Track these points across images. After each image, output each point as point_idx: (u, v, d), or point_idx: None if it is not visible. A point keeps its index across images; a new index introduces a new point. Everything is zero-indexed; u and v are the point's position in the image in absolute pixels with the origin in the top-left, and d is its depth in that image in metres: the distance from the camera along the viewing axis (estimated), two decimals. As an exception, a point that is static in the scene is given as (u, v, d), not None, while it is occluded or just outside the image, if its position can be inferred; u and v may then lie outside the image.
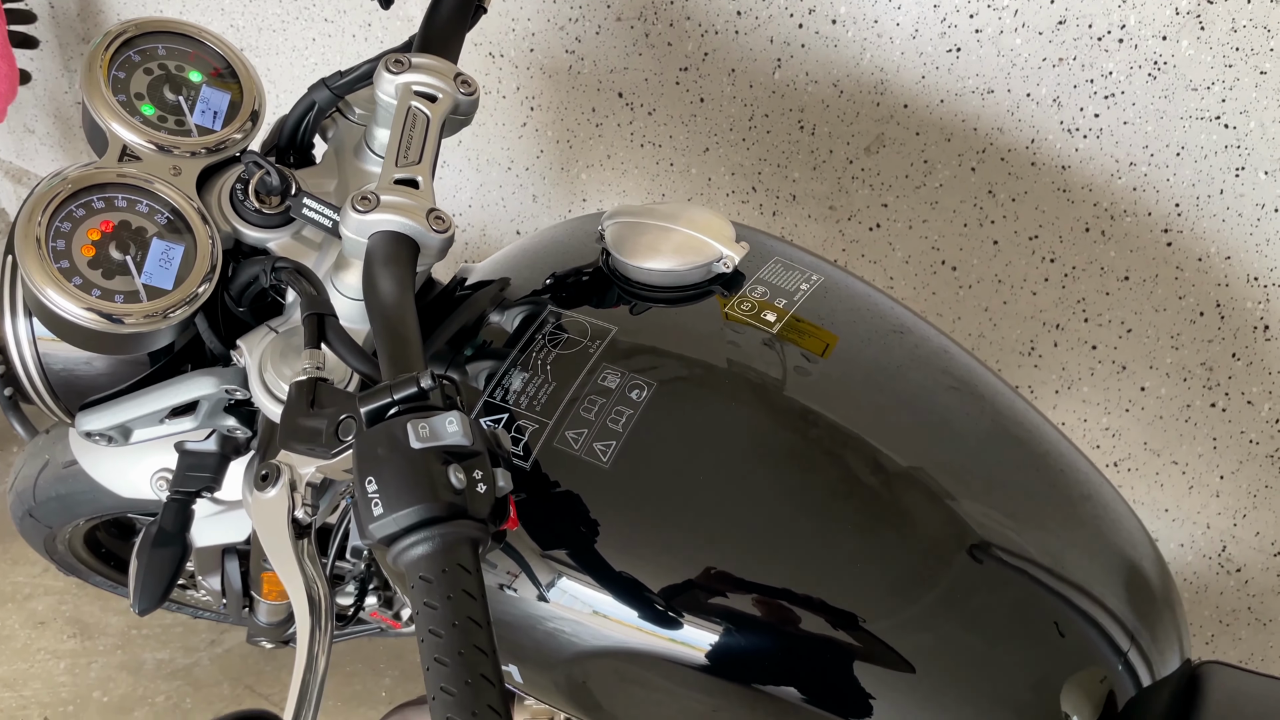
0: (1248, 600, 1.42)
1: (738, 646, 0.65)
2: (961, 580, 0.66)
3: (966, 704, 0.65)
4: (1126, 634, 0.67)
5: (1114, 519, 0.74)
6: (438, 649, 0.49)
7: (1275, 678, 0.74)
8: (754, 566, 0.65)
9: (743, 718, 0.69)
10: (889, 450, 0.69)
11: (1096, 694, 0.66)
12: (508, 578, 0.68)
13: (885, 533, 0.66)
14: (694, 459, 0.68)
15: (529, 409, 0.69)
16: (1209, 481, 1.33)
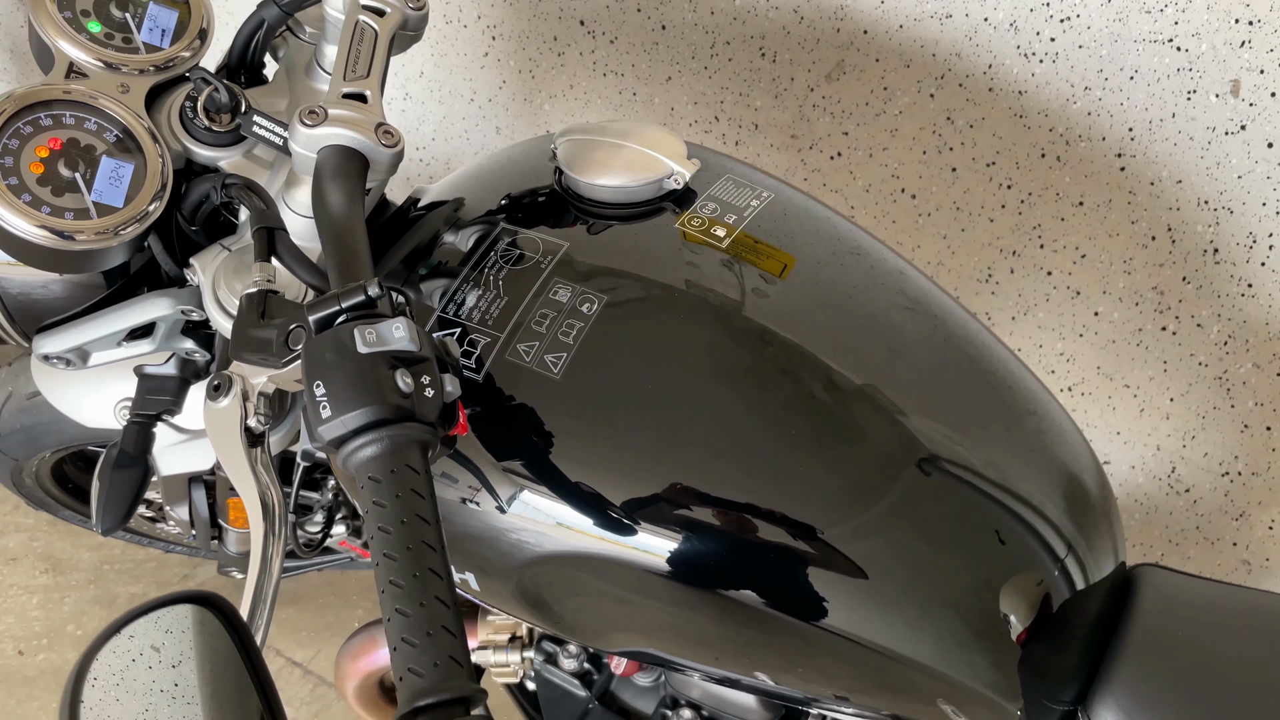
0: (1196, 520, 1.46)
1: (694, 553, 0.68)
2: (910, 491, 0.68)
3: (913, 605, 0.68)
4: (1064, 541, 0.70)
5: (1057, 433, 0.76)
6: (386, 545, 0.51)
7: (1206, 579, 0.77)
8: (707, 475, 0.67)
9: (702, 620, 0.71)
10: (842, 368, 0.71)
11: (1033, 596, 0.69)
12: (461, 488, 0.70)
13: (838, 446, 0.68)
14: (644, 370, 0.69)
15: (481, 323, 0.70)
16: (1159, 404, 1.36)
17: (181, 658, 0.40)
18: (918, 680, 0.69)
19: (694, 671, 0.81)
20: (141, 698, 0.39)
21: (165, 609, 0.40)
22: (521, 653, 0.96)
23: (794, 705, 0.88)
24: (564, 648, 0.94)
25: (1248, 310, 1.22)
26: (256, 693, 0.41)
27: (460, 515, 0.71)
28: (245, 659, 0.41)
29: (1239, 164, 1.13)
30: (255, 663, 0.41)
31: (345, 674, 1.11)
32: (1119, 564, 0.76)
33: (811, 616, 0.68)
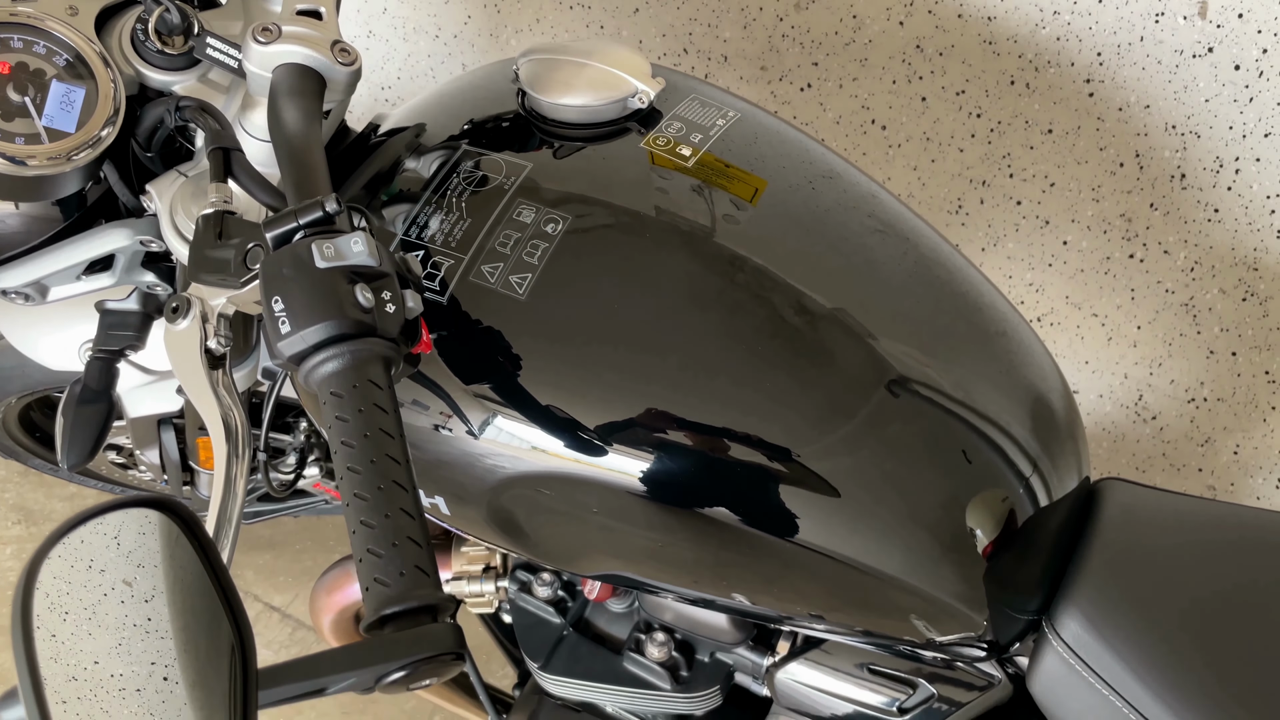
0: (1162, 447, 1.48)
1: (665, 473, 0.68)
2: (880, 412, 0.69)
3: (882, 521, 0.69)
4: (1028, 458, 0.71)
5: (1025, 354, 0.77)
6: (350, 459, 0.51)
7: (1168, 491, 0.79)
8: (679, 396, 0.67)
9: (673, 541, 0.72)
10: (813, 292, 0.71)
11: (998, 511, 0.70)
12: (428, 411, 0.70)
13: (809, 369, 0.69)
14: (611, 291, 0.69)
15: (444, 245, 0.69)
16: (1127, 332, 1.38)
17: (139, 565, 0.39)
18: (886, 594, 0.70)
19: (667, 593, 0.82)
20: (93, 606, 0.39)
21: (119, 512, 0.39)
22: (496, 582, 0.96)
23: (766, 624, 0.90)
24: (538, 576, 0.95)
25: (1214, 236, 1.23)
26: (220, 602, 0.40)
27: (429, 440, 0.71)
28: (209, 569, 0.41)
29: (1206, 87, 1.13)
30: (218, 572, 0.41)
31: (320, 609, 1.12)
32: (1083, 479, 0.77)
33: (783, 534, 0.69)
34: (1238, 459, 1.43)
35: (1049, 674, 0.71)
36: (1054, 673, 0.71)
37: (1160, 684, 0.67)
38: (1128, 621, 0.69)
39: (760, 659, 0.88)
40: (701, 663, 0.93)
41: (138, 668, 0.41)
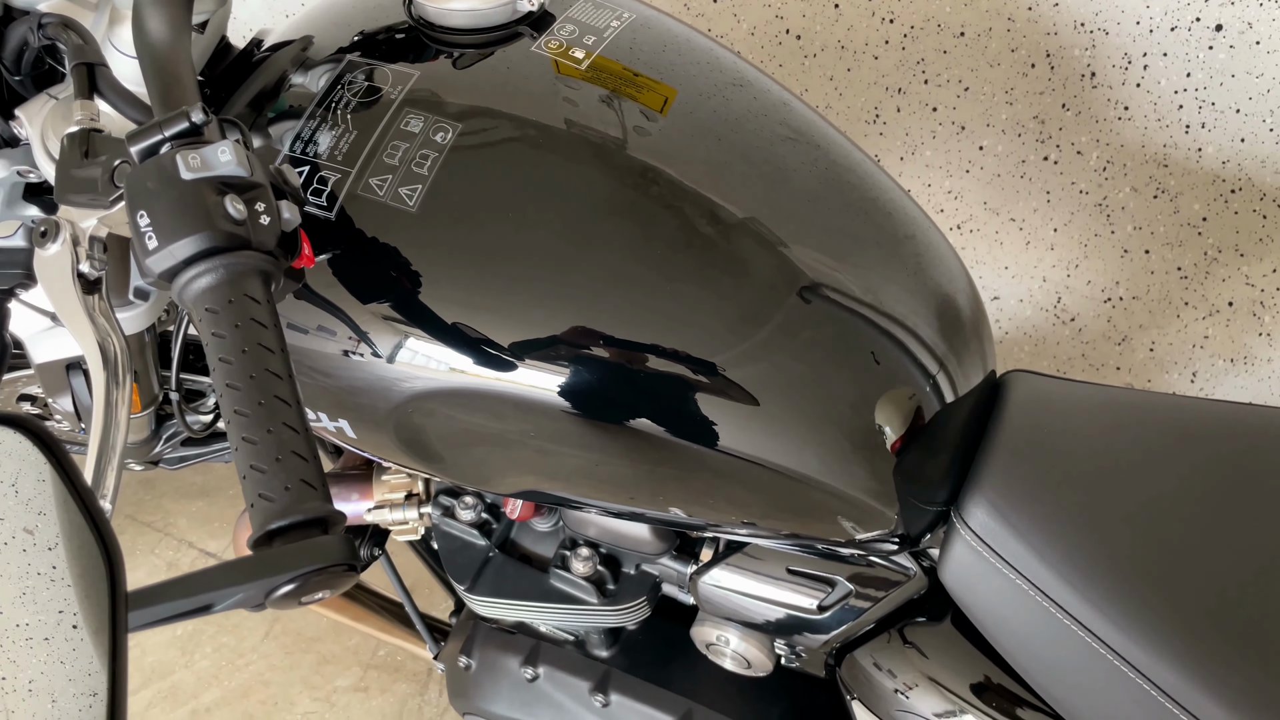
0: (1082, 348, 1.51)
1: (578, 386, 0.67)
2: (792, 318, 0.69)
3: (795, 423, 0.69)
4: (935, 357, 0.72)
5: (933, 256, 0.78)
6: (229, 376, 0.49)
7: (1072, 380, 0.80)
8: (587, 307, 0.67)
9: (590, 454, 0.71)
10: (724, 201, 0.70)
11: (906, 408, 0.71)
12: (325, 331, 0.68)
13: (722, 278, 0.68)
14: (509, 200, 0.67)
15: (330, 160, 0.67)
16: (1044, 235, 1.39)
17: (40, 512, 0.38)
18: (802, 494, 0.71)
19: (588, 508, 0.82)
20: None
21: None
22: (419, 509, 0.96)
23: (688, 532, 0.90)
24: (460, 500, 0.94)
25: (1125, 134, 1.24)
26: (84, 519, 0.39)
27: (328, 361, 0.69)
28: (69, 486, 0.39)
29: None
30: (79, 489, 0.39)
31: (242, 545, 1.10)
32: (989, 374, 0.78)
33: (699, 441, 0.69)
34: (1154, 355, 1.46)
35: (958, 563, 0.73)
36: (963, 561, 0.72)
37: (1065, 566, 0.68)
38: (1032, 507, 0.70)
39: (684, 568, 0.89)
40: (628, 575, 0.93)
41: (44, 616, 0.39)
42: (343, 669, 1.68)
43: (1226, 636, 0.64)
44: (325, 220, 0.66)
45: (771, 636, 0.90)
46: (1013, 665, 0.74)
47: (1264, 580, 0.66)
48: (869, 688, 0.85)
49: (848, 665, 0.87)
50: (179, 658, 1.68)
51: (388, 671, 1.67)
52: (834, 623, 0.83)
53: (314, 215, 0.66)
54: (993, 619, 0.73)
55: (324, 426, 0.74)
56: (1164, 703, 0.64)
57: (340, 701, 1.64)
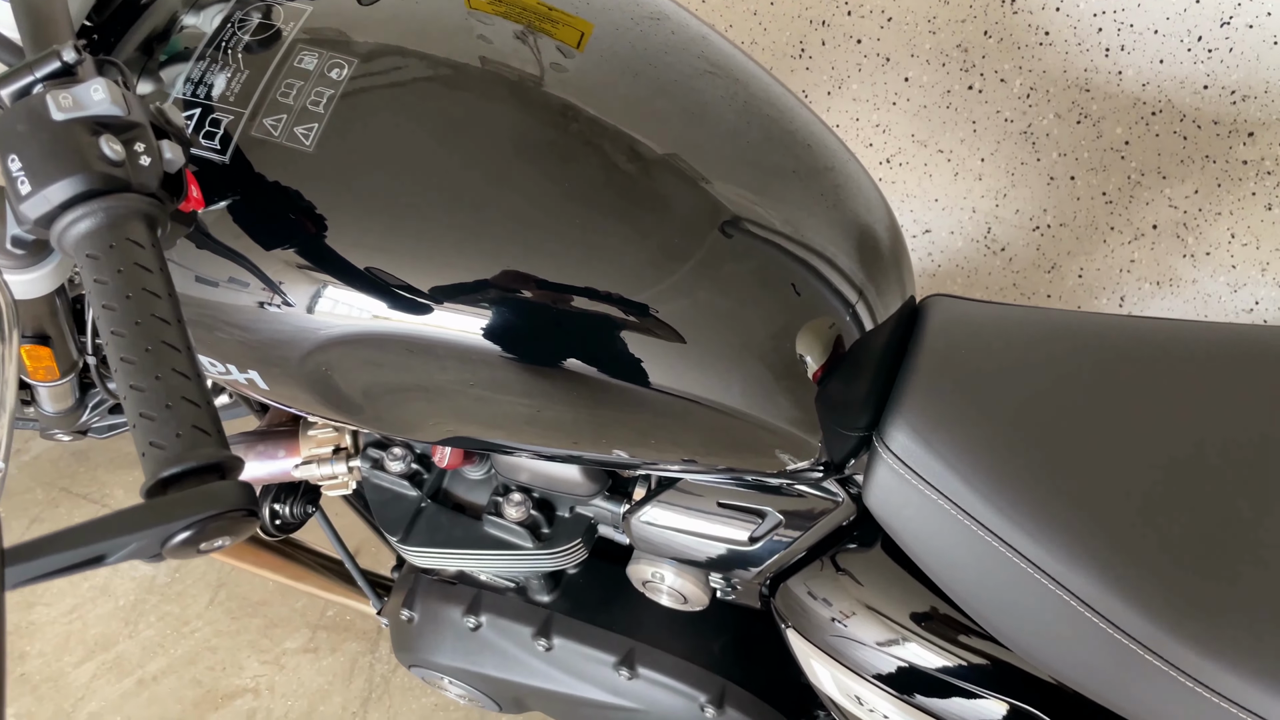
0: (1013, 277, 1.52)
1: (503, 329, 0.66)
2: (713, 253, 0.68)
3: (719, 357, 0.69)
4: (854, 287, 0.72)
5: (852, 187, 0.78)
6: (113, 322, 0.47)
7: (991, 302, 0.80)
8: (508, 249, 0.65)
9: (515, 397, 0.70)
10: (644, 137, 0.69)
11: (826, 337, 0.71)
12: (229, 279, 0.66)
13: (643, 215, 0.68)
14: (414, 138, 0.65)
15: (223, 101, 0.65)
16: (971, 166, 1.40)
17: None
18: (728, 427, 0.71)
19: (516, 452, 0.81)
20: None
21: None
22: (348, 462, 0.94)
23: (620, 472, 0.90)
24: (389, 451, 0.93)
25: (1046, 59, 1.24)
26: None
27: (232, 310, 0.67)
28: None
29: (1028, -95, 1.12)
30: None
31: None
32: (908, 299, 0.78)
33: (624, 378, 0.68)
34: (1083, 282, 1.48)
35: (882, 486, 0.73)
36: (886, 485, 0.73)
37: (984, 484, 0.69)
38: (951, 428, 0.71)
39: (617, 508, 0.89)
40: (562, 519, 0.93)
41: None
42: (291, 631, 1.67)
43: (1145, 546, 0.65)
44: (220, 164, 0.64)
45: (705, 570, 0.90)
46: (939, 585, 0.75)
47: (1179, 490, 0.67)
48: (803, 616, 0.86)
49: (781, 595, 0.87)
50: (122, 629, 1.65)
51: (337, 631, 1.67)
52: (765, 553, 0.84)
53: (207, 159, 0.64)
54: (917, 540, 0.74)
55: (235, 379, 0.72)
56: (1084, 613, 0.65)
57: (290, 663, 1.63)
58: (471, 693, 1.15)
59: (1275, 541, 0.64)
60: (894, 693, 0.82)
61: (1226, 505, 0.66)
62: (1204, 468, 0.67)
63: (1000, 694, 0.80)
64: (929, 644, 0.81)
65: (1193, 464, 0.68)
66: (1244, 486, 0.67)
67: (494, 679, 1.09)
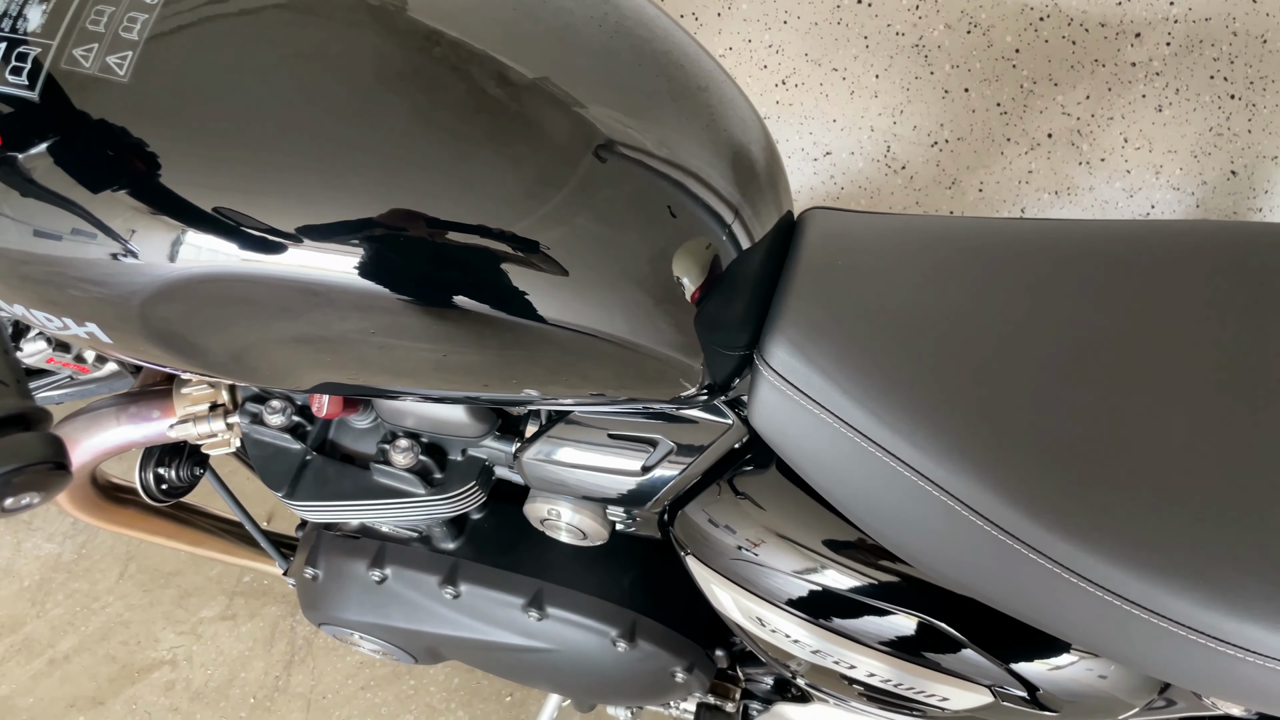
0: (915, 195, 1.52)
1: (371, 266, 0.63)
2: (588, 178, 0.66)
3: (597, 282, 0.67)
4: (729, 206, 0.71)
5: (726, 107, 0.77)
6: None
7: (870, 212, 0.79)
8: (364, 180, 0.62)
9: (388, 337, 0.67)
10: (513, 61, 0.66)
11: (703, 258, 0.69)
12: (56, 225, 0.61)
13: (514, 143, 0.65)
14: (248, 63, 0.61)
15: (27, 31, 0.60)
16: (867, 83, 1.38)
17: None
18: (611, 356, 0.69)
19: (397, 396, 0.78)
20: None
21: None
22: (225, 419, 0.91)
23: (507, 410, 0.88)
24: (267, 405, 0.90)
25: (932, -31, 1.23)
26: None
27: (63, 260, 0.63)
28: None
29: None
30: None
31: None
32: (784, 214, 0.77)
33: (505, 311, 0.66)
34: (984, 195, 1.48)
35: (765, 404, 0.72)
36: (770, 402, 0.72)
37: (865, 394, 0.68)
38: (830, 340, 0.70)
39: (508, 447, 0.87)
40: (454, 462, 0.91)
41: None
42: (207, 600, 1.63)
43: (1026, 446, 0.65)
44: (29, 101, 0.59)
45: (602, 504, 0.89)
46: (829, 500, 0.74)
47: (1059, 387, 0.67)
48: (702, 542, 0.85)
49: (680, 522, 0.86)
50: (29, 609, 1.60)
51: (255, 596, 1.63)
52: (660, 482, 0.83)
53: (16, 96, 0.59)
54: (803, 456, 0.73)
55: (74, 333, 0.68)
56: (968, 515, 0.65)
57: (207, 632, 1.59)
58: (384, 647, 1.13)
59: (1151, 434, 0.64)
60: (795, 612, 0.82)
61: (1106, 401, 0.65)
62: (1083, 364, 0.67)
63: (903, 608, 0.80)
64: (827, 561, 0.81)
65: (1071, 361, 0.67)
66: (1122, 382, 0.66)
67: (404, 631, 1.07)
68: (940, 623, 0.79)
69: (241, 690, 1.54)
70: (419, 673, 1.56)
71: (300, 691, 1.53)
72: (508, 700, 1.54)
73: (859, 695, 0.87)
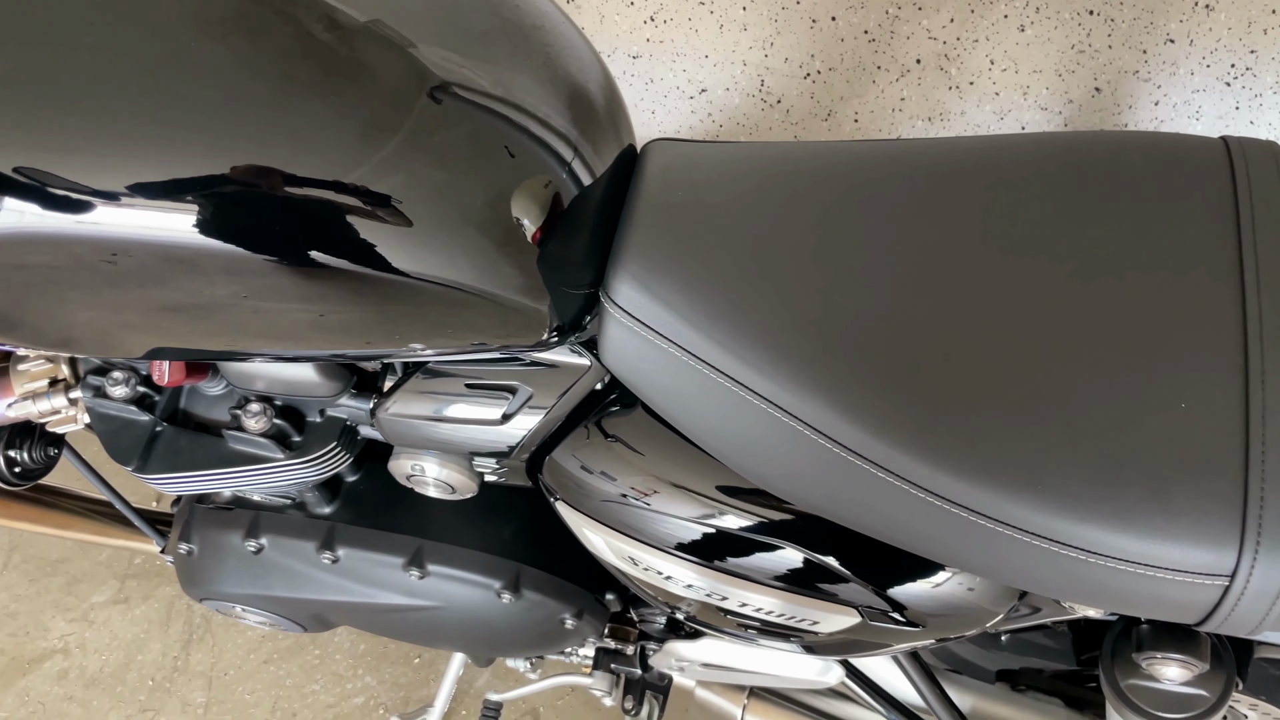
0: (793, 129, 1.51)
1: (204, 219, 0.60)
2: (422, 121, 0.64)
3: (437, 228, 0.66)
4: (568, 143, 0.70)
5: (561, 44, 0.76)
6: None
7: (710, 141, 0.78)
8: (192, 134, 0.59)
9: (218, 291, 0.64)
10: (342, 4, 0.63)
11: (543, 198, 0.68)
12: None
13: (346, 88, 0.62)
14: (42, 7, 0.58)
15: None
16: (735, 16, 1.36)
17: None
18: (457, 303, 0.68)
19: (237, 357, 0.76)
20: None
21: None
22: (67, 394, 0.87)
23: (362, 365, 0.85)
24: (109, 376, 0.86)
25: (788, -106, 1.21)
26: None
27: None
28: None
29: None
30: None
31: None
32: (625, 149, 0.76)
33: (356, 258, 0.64)
34: (859, 125, 1.48)
35: (615, 342, 0.71)
36: (618, 339, 0.71)
37: (711, 325, 0.67)
38: (673, 273, 0.69)
39: (364, 404, 0.84)
40: (313, 424, 0.88)
41: None
42: (97, 585, 1.58)
43: (868, 368, 0.65)
44: None
45: (467, 456, 0.87)
46: (685, 433, 0.74)
47: (898, 309, 0.67)
48: (570, 486, 0.84)
49: (548, 468, 0.85)
50: (-94, 609, 1.54)
51: (147, 578, 1.59)
52: (522, 429, 0.81)
53: None
54: (656, 392, 0.72)
55: None
56: (818, 439, 0.65)
57: (100, 618, 1.55)
58: (269, 617, 1.10)
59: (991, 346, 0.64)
60: (664, 549, 0.82)
61: (946, 316, 0.66)
62: (925, 280, 0.67)
63: (769, 536, 0.80)
64: (692, 497, 0.80)
65: (914, 277, 0.67)
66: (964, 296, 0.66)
67: (286, 600, 1.05)
68: (805, 549, 0.79)
69: (139, 673, 1.50)
70: (324, 642, 1.54)
71: (201, 670, 1.50)
72: (416, 662, 1.53)
73: (736, 626, 0.87)
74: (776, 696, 1.19)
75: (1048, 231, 0.67)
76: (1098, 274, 0.65)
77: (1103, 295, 0.65)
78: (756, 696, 1.20)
